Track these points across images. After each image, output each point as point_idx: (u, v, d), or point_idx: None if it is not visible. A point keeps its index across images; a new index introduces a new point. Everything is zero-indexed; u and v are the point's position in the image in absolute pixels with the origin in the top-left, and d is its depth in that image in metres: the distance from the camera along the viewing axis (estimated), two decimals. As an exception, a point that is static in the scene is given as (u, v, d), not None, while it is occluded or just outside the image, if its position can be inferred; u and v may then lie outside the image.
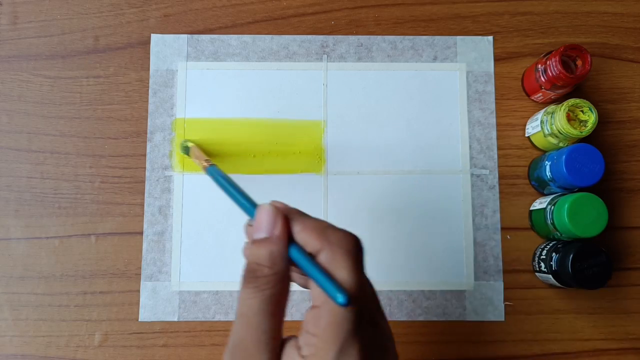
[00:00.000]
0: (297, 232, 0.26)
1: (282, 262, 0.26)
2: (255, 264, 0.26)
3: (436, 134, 0.50)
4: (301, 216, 0.27)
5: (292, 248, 0.26)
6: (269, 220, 0.26)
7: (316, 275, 0.25)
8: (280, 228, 0.26)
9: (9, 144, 0.49)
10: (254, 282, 0.26)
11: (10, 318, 0.47)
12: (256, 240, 0.27)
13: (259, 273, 0.26)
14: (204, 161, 0.41)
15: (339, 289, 0.24)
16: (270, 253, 0.26)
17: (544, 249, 0.46)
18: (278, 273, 0.26)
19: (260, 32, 0.51)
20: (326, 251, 0.25)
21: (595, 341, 0.47)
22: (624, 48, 0.51)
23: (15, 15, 0.51)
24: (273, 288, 0.26)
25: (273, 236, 0.26)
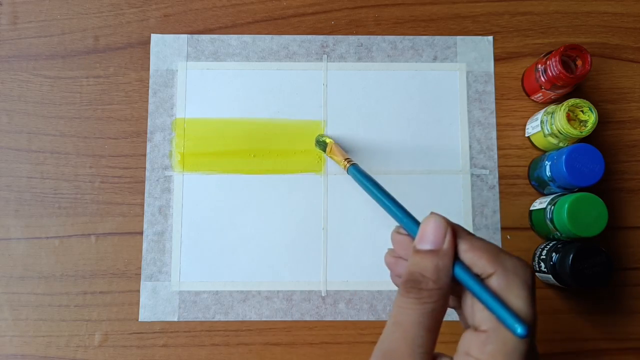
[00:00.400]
0: (463, 251, 0.26)
1: (447, 278, 0.25)
2: (420, 275, 0.25)
3: (436, 134, 0.50)
4: (469, 235, 0.26)
5: (457, 267, 0.25)
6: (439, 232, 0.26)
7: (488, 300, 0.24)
8: (449, 242, 0.25)
9: (9, 144, 0.49)
10: (416, 293, 0.25)
11: (10, 318, 0.47)
12: (421, 251, 0.26)
13: (423, 285, 0.25)
14: (345, 160, 0.41)
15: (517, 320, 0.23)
16: (437, 266, 0.25)
17: (544, 249, 0.46)
18: (442, 288, 0.25)
19: (260, 32, 0.51)
20: (500, 277, 0.24)
21: (595, 341, 0.47)
22: (624, 48, 0.51)
23: (15, 15, 0.51)
24: (435, 303, 0.25)
25: (441, 250, 0.25)
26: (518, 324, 0.23)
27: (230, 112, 0.50)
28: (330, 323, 0.47)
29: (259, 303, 0.47)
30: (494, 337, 0.24)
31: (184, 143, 0.49)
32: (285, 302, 0.47)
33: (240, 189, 0.49)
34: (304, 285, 0.47)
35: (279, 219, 0.48)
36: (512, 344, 0.23)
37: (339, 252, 0.48)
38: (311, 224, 0.48)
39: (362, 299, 0.47)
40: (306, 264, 0.48)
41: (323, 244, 0.48)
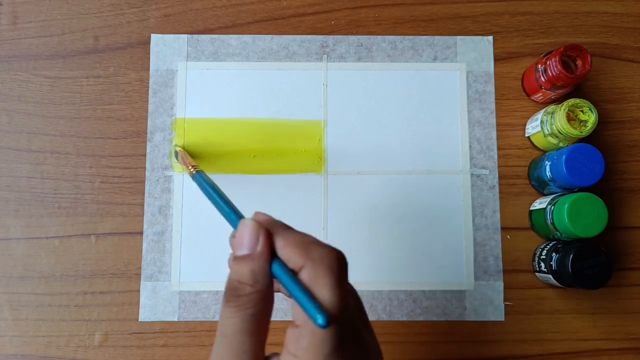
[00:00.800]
0: (279, 248, 0.26)
1: (263, 279, 0.25)
2: (237, 282, 0.25)
3: (436, 134, 0.50)
4: (285, 230, 0.26)
5: (275, 264, 0.25)
6: (251, 236, 0.25)
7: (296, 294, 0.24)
8: (262, 244, 0.25)
9: (9, 144, 0.49)
10: (235, 301, 0.25)
11: (10, 318, 0.47)
12: (238, 257, 0.26)
13: (241, 292, 0.25)
14: (190, 167, 0.41)
15: (319, 310, 0.23)
16: (252, 270, 0.25)
17: (544, 249, 0.46)
18: (260, 291, 0.25)
19: (260, 32, 0.51)
20: (308, 268, 0.24)
21: (595, 341, 0.47)
22: (624, 48, 0.51)
23: (15, 15, 0.51)
24: (255, 307, 0.25)
25: (255, 253, 0.25)
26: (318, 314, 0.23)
27: (230, 112, 0.50)
28: (330, 323, 0.47)
29: (259, 303, 0.47)
30: (305, 331, 0.24)
31: (184, 143, 0.49)
32: (286, 302, 0.47)
33: (240, 189, 0.49)
34: (304, 285, 0.47)
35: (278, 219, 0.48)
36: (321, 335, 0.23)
37: (339, 252, 0.48)
38: (311, 224, 0.48)
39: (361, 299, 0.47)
40: (306, 264, 0.48)
41: (323, 244, 0.48)
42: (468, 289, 0.47)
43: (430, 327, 0.47)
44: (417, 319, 0.47)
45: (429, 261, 0.48)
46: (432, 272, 0.48)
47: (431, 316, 0.47)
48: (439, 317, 0.47)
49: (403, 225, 0.48)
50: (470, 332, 0.47)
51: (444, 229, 0.48)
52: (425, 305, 0.47)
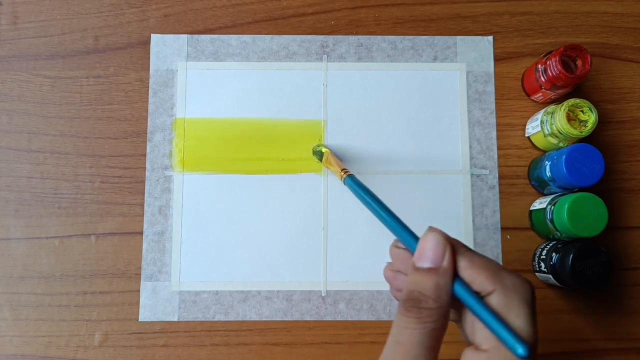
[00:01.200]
0: (463, 268, 0.25)
1: (447, 296, 0.25)
2: (420, 294, 0.25)
3: (436, 134, 0.50)
4: (468, 251, 0.26)
5: (457, 283, 0.25)
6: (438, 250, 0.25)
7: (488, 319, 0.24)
8: (448, 260, 0.25)
9: (9, 144, 0.49)
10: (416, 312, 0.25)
11: (10, 318, 0.47)
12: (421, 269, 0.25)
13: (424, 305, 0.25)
14: (341, 170, 0.41)
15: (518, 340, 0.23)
16: (437, 285, 0.25)
17: (544, 249, 0.46)
18: (442, 307, 0.25)
19: (260, 32, 0.51)
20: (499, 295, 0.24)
21: (595, 341, 0.47)
22: (624, 48, 0.51)
23: (15, 15, 0.51)
24: (436, 322, 0.25)
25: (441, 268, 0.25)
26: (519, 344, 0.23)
27: (230, 112, 0.50)
28: (330, 323, 0.47)
29: (259, 303, 0.47)
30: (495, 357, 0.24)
31: (184, 143, 0.49)
32: (285, 302, 0.47)
33: (240, 189, 0.49)
34: (304, 285, 0.47)
35: (279, 219, 0.48)
36: None
37: (339, 252, 0.48)
38: (311, 224, 0.48)
39: (362, 299, 0.47)
40: (306, 264, 0.48)
41: (323, 244, 0.48)
42: (468, 289, 0.47)
43: (430, 327, 0.47)
44: (417, 319, 0.47)
45: (429, 261, 0.48)
46: (432, 272, 0.48)
47: (431, 316, 0.47)
48: (439, 317, 0.47)
49: (403, 225, 0.48)
50: (470, 332, 0.47)
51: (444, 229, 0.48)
52: (425, 305, 0.47)
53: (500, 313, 0.24)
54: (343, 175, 0.41)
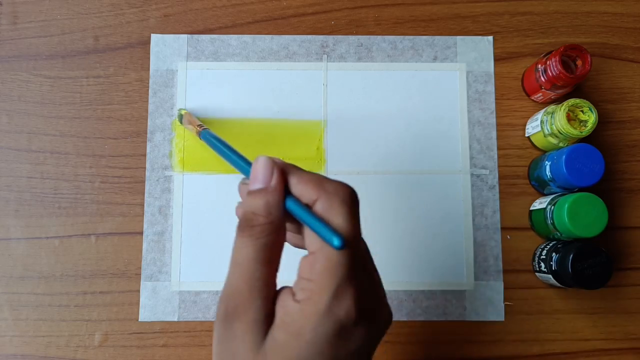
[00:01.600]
0: (293, 185, 0.27)
1: (277, 211, 0.26)
2: (251, 213, 0.26)
3: (436, 134, 0.50)
4: (298, 170, 0.27)
5: (288, 200, 0.26)
6: (266, 171, 0.26)
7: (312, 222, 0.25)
8: (276, 179, 0.26)
9: (9, 144, 0.49)
10: (249, 230, 0.26)
11: (10, 318, 0.47)
12: (252, 191, 0.27)
13: (255, 222, 0.26)
14: (197, 126, 0.42)
15: (335, 233, 0.24)
16: (266, 202, 0.26)
17: (544, 249, 0.46)
18: (273, 222, 0.26)
19: (260, 32, 0.51)
20: (323, 200, 0.25)
21: (595, 341, 0.47)
22: (624, 48, 0.51)
23: (15, 15, 0.51)
24: (268, 236, 0.26)
25: (269, 186, 0.26)
26: (335, 237, 0.24)
27: (230, 112, 0.50)
28: (330, 323, 0.47)
29: (259, 303, 0.47)
30: (320, 256, 0.25)
31: (184, 143, 0.49)
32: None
33: (240, 189, 0.49)
34: (304, 285, 0.47)
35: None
36: (336, 258, 0.24)
37: (339, 252, 0.48)
38: (311, 224, 0.48)
39: (362, 299, 0.47)
40: (306, 264, 0.48)
41: (323, 244, 0.48)
42: (468, 289, 0.47)
43: (430, 327, 0.47)
44: (417, 319, 0.47)
45: (429, 261, 0.48)
46: (432, 272, 0.48)
47: (431, 316, 0.47)
48: (439, 317, 0.47)
49: (403, 225, 0.48)
50: (470, 332, 0.47)
51: (444, 229, 0.48)
52: (425, 305, 0.47)
53: (323, 215, 0.25)
54: (199, 130, 0.41)
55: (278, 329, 0.25)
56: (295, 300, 0.25)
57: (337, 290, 0.24)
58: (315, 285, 0.24)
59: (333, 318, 0.24)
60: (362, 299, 0.25)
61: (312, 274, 0.25)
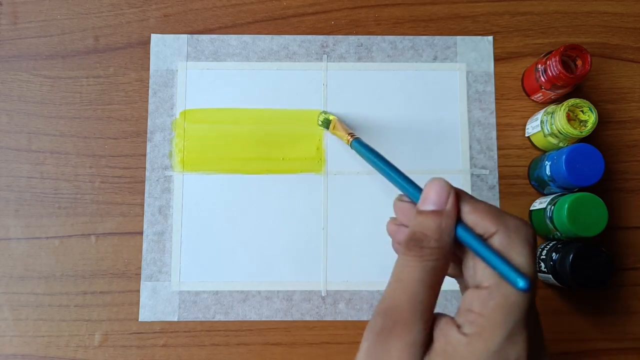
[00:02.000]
0: (466, 213, 0.26)
1: (449, 237, 0.25)
2: (422, 234, 0.25)
3: (436, 134, 0.50)
4: (472, 198, 0.27)
5: (460, 227, 0.26)
6: (442, 193, 0.26)
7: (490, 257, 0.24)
8: (452, 203, 0.26)
9: (9, 144, 0.49)
10: (418, 251, 0.25)
11: (10, 318, 0.47)
12: (424, 212, 0.26)
13: (425, 243, 0.25)
14: (348, 134, 0.43)
15: (520, 274, 0.23)
16: (439, 225, 0.25)
17: (544, 249, 0.46)
18: (443, 247, 0.25)
19: (260, 32, 0.51)
20: (502, 235, 0.24)
21: (595, 341, 0.47)
22: (624, 48, 0.51)
23: (15, 15, 0.51)
24: (436, 261, 0.25)
25: (444, 210, 0.26)
26: (520, 278, 0.23)
27: (230, 112, 0.50)
28: (330, 323, 0.47)
29: (259, 303, 0.47)
30: (496, 292, 0.24)
31: (184, 143, 0.49)
32: (285, 302, 0.47)
33: (240, 189, 0.49)
34: (304, 285, 0.47)
35: (279, 219, 0.48)
36: (514, 298, 0.23)
37: (339, 252, 0.48)
38: (311, 224, 0.48)
39: (362, 299, 0.47)
40: (306, 264, 0.48)
41: (323, 244, 0.48)
42: (468, 289, 0.47)
43: (430, 327, 0.47)
44: (417, 319, 0.47)
45: (429, 261, 0.48)
46: (432, 272, 0.48)
47: (431, 316, 0.47)
48: (439, 317, 0.47)
49: (403, 225, 0.48)
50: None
51: (444, 229, 0.48)
52: (425, 305, 0.47)
53: (502, 252, 0.24)
54: (350, 139, 0.42)
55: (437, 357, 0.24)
56: (462, 332, 0.24)
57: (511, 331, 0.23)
58: (487, 321, 0.23)
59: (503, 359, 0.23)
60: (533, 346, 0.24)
61: (484, 310, 0.24)
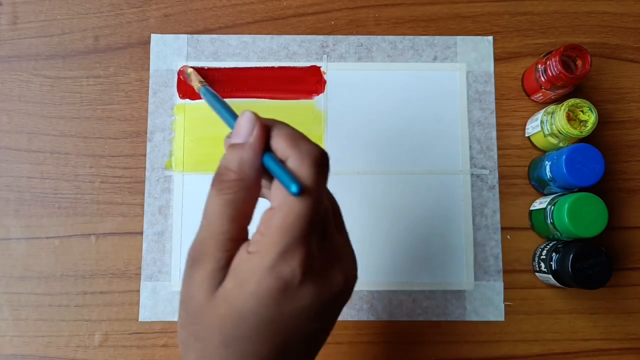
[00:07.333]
0: (272, 138, 0.27)
1: (250, 169, 0.26)
2: (225, 168, 0.26)
3: (436, 134, 0.50)
4: (281, 124, 0.27)
5: (267, 156, 0.26)
6: (247, 126, 0.27)
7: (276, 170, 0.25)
8: (255, 136, 0.26)
9: (9, 144, 0.49)
10: (218, 185, 0.26)
11: (10, 318, 0.47)
12: (231, 145, 0.27)
13: (224, 177, 0.26)
14: (198, 82, 0.44)
15: (294, 180, 0.24)
16: (240, 159, 0.26)
17: (544, 249, 0.46)
18: (244, 180, 0.26)
19: (260, 32, 0.51)
20: (294, 157, 0.25)
21: (595, 341, 0.47)
22: (624, 48, 0.51)
23: (15, 15, 0.51)
24: (235, 193, 0.26)
25: (246, 143, 0.26)
26: (293, 183, 0.24)
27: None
28: (330, 323, 0.47)
29: (259, 303, 0.47)
30: (278, 212, 0.25)
31: (184, 143, 0.49)
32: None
33: (240, 189, 0.49)
34: (304, 285, 0.47)
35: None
36: (292, 218, 0.24)
37: (339, 252, 0.48)
38: (311, 224, 0.48)
39: (362, 299, 0.47)
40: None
41: (323, 244, 0.48)
42: (468, 289, 0.47)
43: (430, 327, 0.47)
44: (417, 319, 0.47)
45: (429, 261, 0.48)
46: (432, 272, 0.48)
47: (431, 316, 0.47)
48: (439, 317, 0.47)
49: (403, 225, 0.48)
50: (470, 332, 0.47)
51: (444, 229, 0.48)
52: (425, 305, 0.47)
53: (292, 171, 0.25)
54: (199, 86, 0.42)
55: (229, 277, 0.25)
56: (248, 251, 0.25)
57: (286, 248, 0.24)
58: (267, 240, 0.25)
59: (276, 275, 0.24)
60: (312, 261, 0.25)
61: (266, 229, 0.25)
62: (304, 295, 0.25)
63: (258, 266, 0.24)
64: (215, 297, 0.25)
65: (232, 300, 0.25)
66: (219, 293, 0.25)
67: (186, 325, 0.27)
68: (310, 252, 0.25)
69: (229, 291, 0.25)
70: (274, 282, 0.24)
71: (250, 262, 0.25)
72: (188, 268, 0.27)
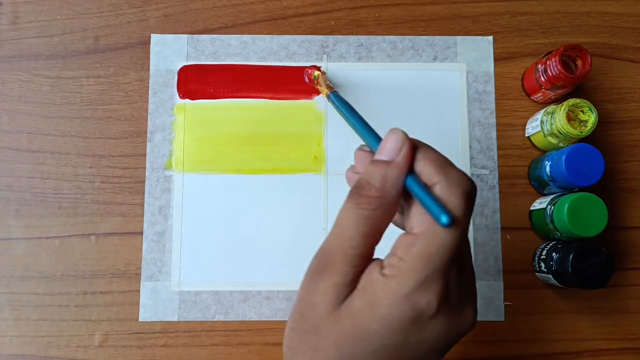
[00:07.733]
0: (416, 160, 0.26)
1: (393, 189, 0.25)
2: (366, 182, 0.26)
3: (436, 134, 0.50)
4: (427, 147, 0.27)
5: (410, 178, 0.26)
6: (395, 145, 0.26)
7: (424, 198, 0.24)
8: (403, 155, 0.26)
9: (9, 144, 0.49)
10: (357, 198, 0.26)
11: (11, 318, 0.47)
12: (375, 161, 0.26)
13: (365, 192, 0.26)
14: (326, 87, 0.43)
15: (445, 211, 0.23)
16: (384, 176, 0.25)
17: (544, 249, 0.46)
18: (384, 197, 0.25)
19: (260, 32, 0.51)
20: (443, 185, 0.25)
21: (596, 341, 0.47)
22: (624, 48, 0.51)
23: (16, 15, 0.51)
24: (374, 210, 0.25)
25: (393, 162, 0.26)
26: (444, 214, 0.23)
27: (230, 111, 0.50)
28: (330, 323, 0.47)
29: (259, 303, 0.47)
30: (421, 240, 0.24)
31: (184, 143, 0.49)
32: (285, 302, 0.47)
33: (240, 189, 0.49)
34: (304, 285, 0.47)
35: (279, 219, 0.48)
36: (436, 248, 0.24)
37: (339, 252, 0.48)
38: (311, 224, 0.48)
39: (362, 299, 0.47)
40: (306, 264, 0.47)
41: (323, 244, 0.48)
42: (468, 289, 0.47)
43: (430, 327, 0.47)
44: (417, 319, 0.47)
45: (429, 261, 0.48)
46: (432, 272, 0.48)
47: (431, 316, 0.47)
48: (439, 317, 0.47)
49: (403, 225, 0.48)
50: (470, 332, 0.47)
51: (444, 229, 0.48)
52: (425, 305, 0.47)
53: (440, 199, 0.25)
54: (327, 92, 0.42)
55: (357, 294, 0.25)
56: (382, 273, 0.25)
57: (427, 279, 0.24)
58: (406, 266, 0.24)
59: (411, 304, 0.24)
60: (449, 295, 0.25)
61: (406, 255, 0.24)
62: (434, 328, 0.25)
63: (394, 291, 0.24)
64: (339, 311, 0.25)
65: (358, 319, 0.24)
66: (344, 309, 0.25)
67: (299, 331, 0.26)
68: (448, 286, 0.25)
69: (356, 309, 0.25)
70: (408, 310, 0.24)
71: (385, 285, 0.24)
72: (312, 274, 0.26)
